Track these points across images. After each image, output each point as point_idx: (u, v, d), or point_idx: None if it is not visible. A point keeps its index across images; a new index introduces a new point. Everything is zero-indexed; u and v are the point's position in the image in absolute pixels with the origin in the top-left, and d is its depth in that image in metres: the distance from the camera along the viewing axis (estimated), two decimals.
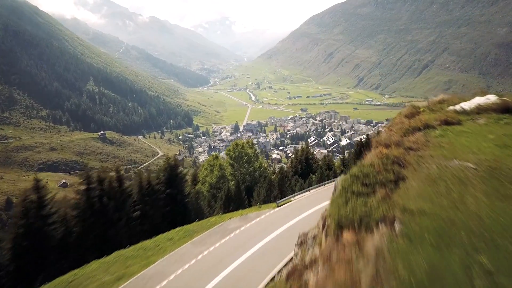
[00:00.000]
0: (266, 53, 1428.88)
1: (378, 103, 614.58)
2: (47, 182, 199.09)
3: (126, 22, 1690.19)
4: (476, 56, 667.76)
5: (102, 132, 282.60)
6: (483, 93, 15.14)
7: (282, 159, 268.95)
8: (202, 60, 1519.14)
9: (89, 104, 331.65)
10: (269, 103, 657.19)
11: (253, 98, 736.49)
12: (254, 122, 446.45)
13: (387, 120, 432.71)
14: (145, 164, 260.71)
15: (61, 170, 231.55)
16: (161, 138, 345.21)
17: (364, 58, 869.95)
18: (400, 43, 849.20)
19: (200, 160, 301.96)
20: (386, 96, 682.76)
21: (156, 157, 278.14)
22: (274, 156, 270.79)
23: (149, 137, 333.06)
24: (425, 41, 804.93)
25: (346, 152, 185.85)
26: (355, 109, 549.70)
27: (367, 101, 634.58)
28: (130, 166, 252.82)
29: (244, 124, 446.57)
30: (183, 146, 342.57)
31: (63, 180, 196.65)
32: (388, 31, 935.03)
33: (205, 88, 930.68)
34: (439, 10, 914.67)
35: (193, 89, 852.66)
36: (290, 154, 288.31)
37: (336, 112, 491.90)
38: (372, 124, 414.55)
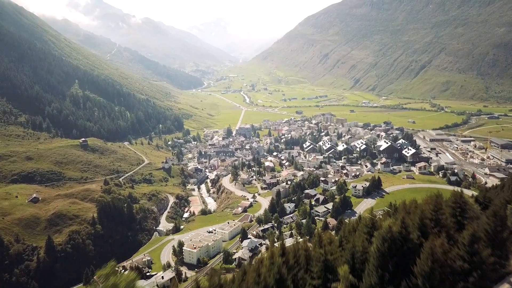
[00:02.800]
0: (261, 54, 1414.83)
1: (375, 105, 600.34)
2: (17, 197, 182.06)
3: (119, 24, 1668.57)
4: (474, 56, 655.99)
5: (83, 139, 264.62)
6: None
7: (276, 167, 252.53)
8: (197, 61, 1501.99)
9: (72, 109, 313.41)
10: (263, 106, 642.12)
11: (247, 100, 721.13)
12: (248, 126, 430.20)
13: (385, 123, 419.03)
14: (128, 174, 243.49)
15: (37, 182, 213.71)
16: (148, 144, 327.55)
17: (360, 59, 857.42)
18: (397, 44, 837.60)
19: (189, 168, 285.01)
20: (383, 97, 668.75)
21: (141, 165, 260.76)
22: (267, 163, 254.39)
23: (136, 143, 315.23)
24: (422, 42, 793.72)
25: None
26: (352, 111, 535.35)
27: (364, 103, 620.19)
28: (112, 176, 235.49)
29: (237, 128, 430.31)
30: (172, 152, 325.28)
31: (34, 195, 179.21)
32: (384, 32, 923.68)
33: (199, 90, 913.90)
34: (435, 10, 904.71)
35: (186, 91, 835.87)
36: (284, 162, 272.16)
37: (332, 114, 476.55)
38: (369, 128, 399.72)
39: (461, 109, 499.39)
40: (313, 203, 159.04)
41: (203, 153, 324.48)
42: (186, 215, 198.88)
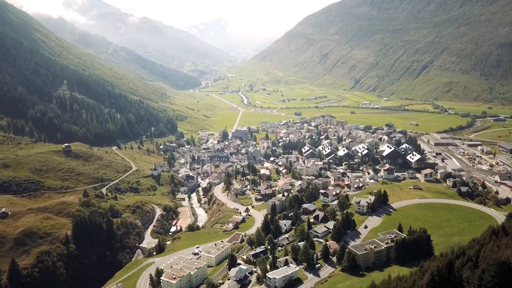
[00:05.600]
0: (260, 54, 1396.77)
1: (376, 106, 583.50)
2: None
3: (117, 24, 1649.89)
4: (477, 56, 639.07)
5: (66, 144, 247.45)
6: None
7: (272, 175, 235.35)
8: (195, 61, 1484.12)
9: (57, 112, 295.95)
10: (261, 107, 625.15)
11: (245, 101, 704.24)
12: (244, 128, 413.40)
13: (387, 125, 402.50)
14: (114, 182, 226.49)
15: (12, 192, 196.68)
16: (139, 148, 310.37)
17: (360, 59, 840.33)
18: (398, 44, 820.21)
19: (180, 175, 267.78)
20: (384, 98, 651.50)
21: (128, 172, 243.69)
22: (262, 171, 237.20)
23: (125, 147, 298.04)
24: (423, 41, 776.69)
25: None
26: (352, 113, 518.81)
27: (365, 104, 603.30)
28: (96, 184, 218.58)
29: (233, 130, 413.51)
30: (164, 157, 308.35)
31: (3, 209, 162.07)
32: (384, 31, 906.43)
33: (196, 90, 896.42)
34: (437, 9, 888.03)
35: (183, 91, 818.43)
36: (281, 169, 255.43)
37: (332, 116, 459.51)
38: (371, 131, 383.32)
39: (465, 110, 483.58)
40: (311, 220, 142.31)
41: (196, 158, 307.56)
42: (173, 229, 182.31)
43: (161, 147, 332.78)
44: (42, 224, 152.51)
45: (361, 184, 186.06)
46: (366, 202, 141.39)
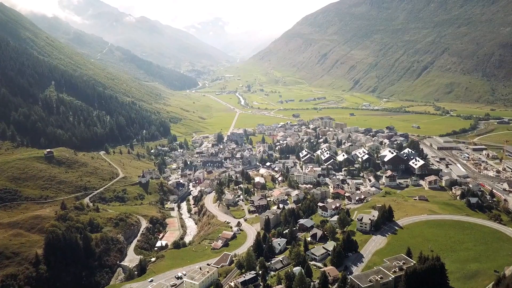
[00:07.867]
0: (258, 54, 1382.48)
1: (375, 107, 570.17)
2: None
3: (114, 23, 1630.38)
4: (479, 57, 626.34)
5: (49, 150, 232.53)
6: None
7: (267, 183, 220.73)
8: (193, 61, 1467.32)
9: (42, 114, 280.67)
10: (259, 108, 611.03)
11: (243, 102, 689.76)
12: (240, 131, 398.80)
13: (387, 128, 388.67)
14: (98, 191, 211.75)
15: None
16: (128, 153, 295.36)
17: (359, 59, 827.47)
18: (397, 44, 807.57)
19: (170, 182, 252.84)
20: (384, 99, 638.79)
21: (115, 180, 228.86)
22: (257, 179, 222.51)
23: (114, 152, 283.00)
24: (424, 42, 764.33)
25: None
26: (352, 114, 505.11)
27: (364, 105, 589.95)
28: (78, 194, 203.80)
29: (228, 133, 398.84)
30: (154, 163, 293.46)
31: None
32: (384, 31, 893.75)
33: (193, 91, 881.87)
34: (437, 9, 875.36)
35: (179, 92, 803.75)
36: (277, 176, 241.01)
37: (331, 118, 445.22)
38: (371, 134, 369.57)
39: (467, 112, 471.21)
40: (308, 239, 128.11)
41: (188, 163, 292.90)
42: (158, 244, 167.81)
43: (152, 151, 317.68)
44: (10, 242, 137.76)
45: (362, 196, 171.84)
46: (369, 219, 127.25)
